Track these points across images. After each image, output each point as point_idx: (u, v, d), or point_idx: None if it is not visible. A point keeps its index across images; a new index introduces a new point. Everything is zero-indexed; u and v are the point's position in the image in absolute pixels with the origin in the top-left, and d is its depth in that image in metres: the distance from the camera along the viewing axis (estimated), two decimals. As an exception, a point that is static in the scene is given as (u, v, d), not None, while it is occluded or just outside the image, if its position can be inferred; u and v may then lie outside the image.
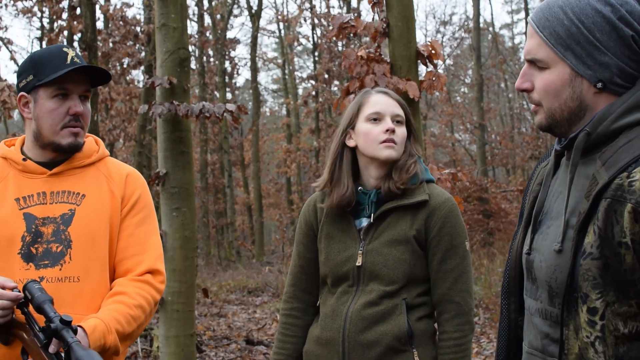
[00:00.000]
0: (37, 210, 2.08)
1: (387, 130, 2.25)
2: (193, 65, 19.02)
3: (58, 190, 2.12)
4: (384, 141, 2.25)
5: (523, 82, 1.47)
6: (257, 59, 23.46)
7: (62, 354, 1.78)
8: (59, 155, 2.15)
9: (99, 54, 10.99)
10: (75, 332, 1.79)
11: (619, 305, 1.31)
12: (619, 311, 1.32)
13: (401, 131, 2.29)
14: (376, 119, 2.28)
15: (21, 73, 2.13)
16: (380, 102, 2.30)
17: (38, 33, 19.32)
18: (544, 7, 1.45)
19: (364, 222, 2.28)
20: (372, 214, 2.26)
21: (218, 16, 20.79)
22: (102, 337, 1.93)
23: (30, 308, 1.87)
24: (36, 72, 2.09)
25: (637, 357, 1.32)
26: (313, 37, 22.83)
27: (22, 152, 2.17)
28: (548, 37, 1.42)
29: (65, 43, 10.77)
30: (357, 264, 2.24)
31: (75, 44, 10.52)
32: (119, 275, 2.15)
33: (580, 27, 1.39)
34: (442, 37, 26.58)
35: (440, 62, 4.52)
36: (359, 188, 2.30)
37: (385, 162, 2.27)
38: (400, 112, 2.31)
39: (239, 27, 46.68)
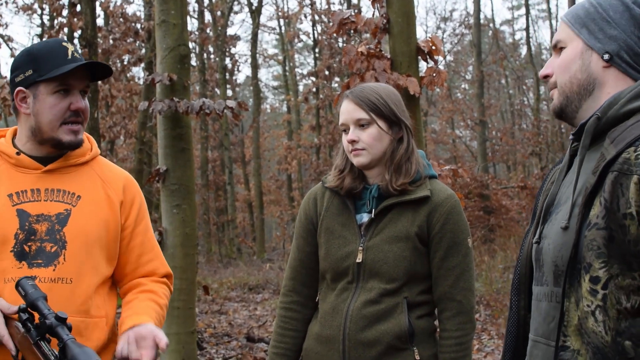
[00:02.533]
0: (30, 207, 2.02)
1: (349, 142, 2.25)
2: (193, 62, 19.00)
3: (53, 188, 2.06)
4: (351, 151, 2.26)
5: (545, 69, 1.58)
6: (257, 55, 23.43)
7: (57, 352, 1.74)
8: (55, 151, 2.09)
9: (99, 50, 10.97)
10: (70, 329, 1.76)
11: (622, 278, 1.33)
12: (622, 284, 1.33)
13: (366, 134, 2.24)
14: (344, 130, 2.29)
15: (17, 67, 2.06)
16: (343, 111, 2.29)
17: (38, 30, 19.31)
18: (575, 4, 1.60)
19: (365, 217, 2.26)
20: (373, 210, 2.24)
21: (218, 13, 20.77)
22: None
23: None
24: (36, 67, 2.02)
25: (638, 333, 1.32)
26: (313, 34, 22.82)
27: (15, 146, 2.10)
28: (569, 19, 1.55)
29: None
30: (358, 260, 2.21)
31: (76, 41, 10.49)
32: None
33: (597, 7, 1.52)
34: (443, 33, 26.55)
35: (440, 58, 4.51)
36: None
37: (363, 168, 2.27)
38: (362, 114, 2.24)
39: (239, 24, 46.54)
